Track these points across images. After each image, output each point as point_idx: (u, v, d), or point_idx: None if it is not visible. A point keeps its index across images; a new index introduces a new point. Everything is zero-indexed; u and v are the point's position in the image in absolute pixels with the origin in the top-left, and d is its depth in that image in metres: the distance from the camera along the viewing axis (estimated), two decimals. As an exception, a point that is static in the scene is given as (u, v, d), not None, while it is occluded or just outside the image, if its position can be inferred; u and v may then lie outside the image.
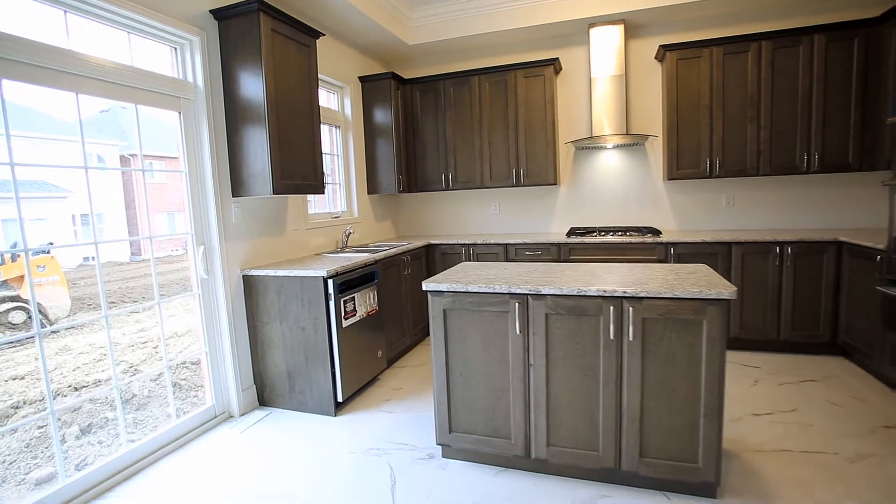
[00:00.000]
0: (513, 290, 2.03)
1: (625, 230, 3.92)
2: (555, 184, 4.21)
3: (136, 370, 4.87)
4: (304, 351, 2.85)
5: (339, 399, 2.87)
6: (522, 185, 4.29)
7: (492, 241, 4.12)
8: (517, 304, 2.04)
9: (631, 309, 1.89)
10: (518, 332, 2.05)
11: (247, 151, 2.80)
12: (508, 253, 4.10)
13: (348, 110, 4.23)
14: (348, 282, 2.92)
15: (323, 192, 3.24)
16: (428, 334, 4.45)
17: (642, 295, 1.87)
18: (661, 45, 3.79)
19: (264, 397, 3.03)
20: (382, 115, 4.34)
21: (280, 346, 2.91)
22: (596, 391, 2.00)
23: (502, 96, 4.25)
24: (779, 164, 3.66)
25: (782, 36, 3.53)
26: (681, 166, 3.86)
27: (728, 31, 3.91)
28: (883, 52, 3.33)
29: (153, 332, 6.12)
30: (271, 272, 2.85)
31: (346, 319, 2.89)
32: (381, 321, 3.38)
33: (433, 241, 4.31)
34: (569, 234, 4.02)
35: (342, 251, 3.82)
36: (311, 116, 3.10)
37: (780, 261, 3.46)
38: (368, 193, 4.51)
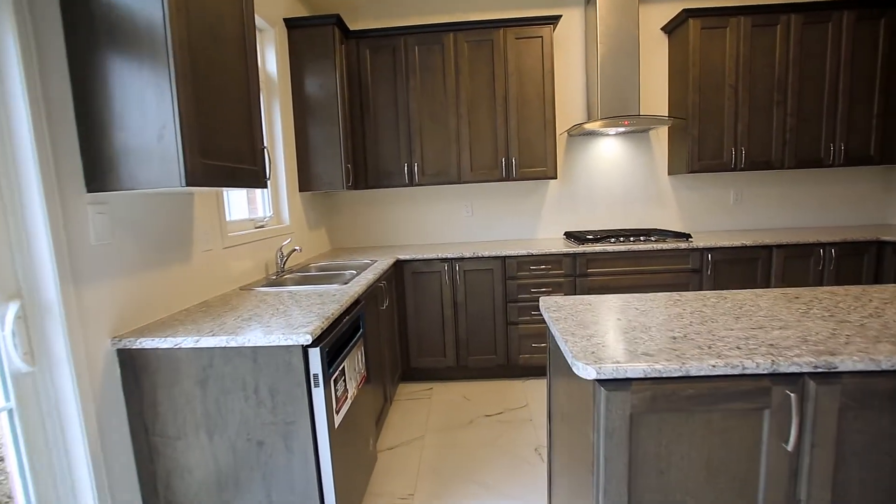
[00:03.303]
0: (780, 368, 1.03)
1: (645, 234, 3.19)
2: (554, 177, 3.31)
3: None
4: (263, 483, 1.49)
5: (334, 560, 1.57)
6: (513, 180, 3.31)
7: (484, 254, 3.06)
8: (790, 395, 1.04)
9: None
10: (791, 445, 1.05)
11: (122, 100, 1.35)
12: (507, 269, 3.09)
13: (271, 65, 2.81)
14: (335, 343, 1.63)
15: (265, 185, 1.87)
16: (405, 381, 3.22)
17: None
18: (684, 10, 3.12)
19: (173, 576, 1.57)
20: (321, 80, 3.00)
21: (210, 480, 1.50)
22: (912, 536, 1.10)
23: (486, 62, 3.22)
24: (804, 155, 3.24)
25: (812, 10, 3.10)
26: (702, 157, 3.25)
27: (755, -1, 3.41)
28: (904, 35, 3.08)
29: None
30: (188, 341, 1.43)
31: (337, 413, 1.60)
32: (369, 390, 2.12)
33: (401, 257, 3.10)
34: (581, 241, 3.15)
35: (280, 279, 2.43)
36: (245, 51, 1.73)
37: (822, 265, 3.02)
38: (301, 190, 3.12)
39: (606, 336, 1.22)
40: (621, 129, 3.30)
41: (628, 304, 1.54)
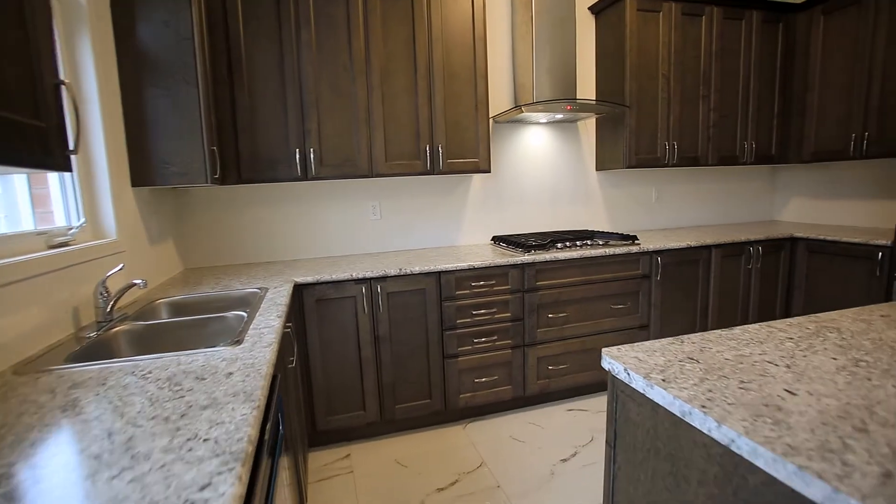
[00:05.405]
0: None
1: (587, 236, 2.80)
2: (487, 170, 2.74)
3: None
4: None
5: None
6: (440, 173, 2.65)
7: (414, 270, 2.34)
8: None
9: None
10: None
11: None
12: (443, 287, 2.41)
13: (70, -24, 1.69)
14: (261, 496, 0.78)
15: (67, 165, 0.91)
16: (311, 446, 2.30)
17: None
18: (621, -15, 2.81)
19: None
20: (165, 16, 1.95)
21: None
22: None
23: (404, 21, 2.50)
24: (724, 152, 3.20)
25: (729, 4, 3.04)
26: (639, 151, 2.99)
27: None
28: (798, 42, 3.21)
29: None
30: None
31: None
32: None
33: (300, 279, 2.21)
34: (521, 248, 2.63)
35: (106, 338, 1.40)
36: None
37: (751, 262, 2.98)
38: (135, 185, 2.01)
39: (862, 450, 0.64)
40: (558, 117, 2.87)
41: (744, 356, 1.00)
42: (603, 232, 3.02)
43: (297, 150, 2.42)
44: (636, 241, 2.78)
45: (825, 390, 0.81)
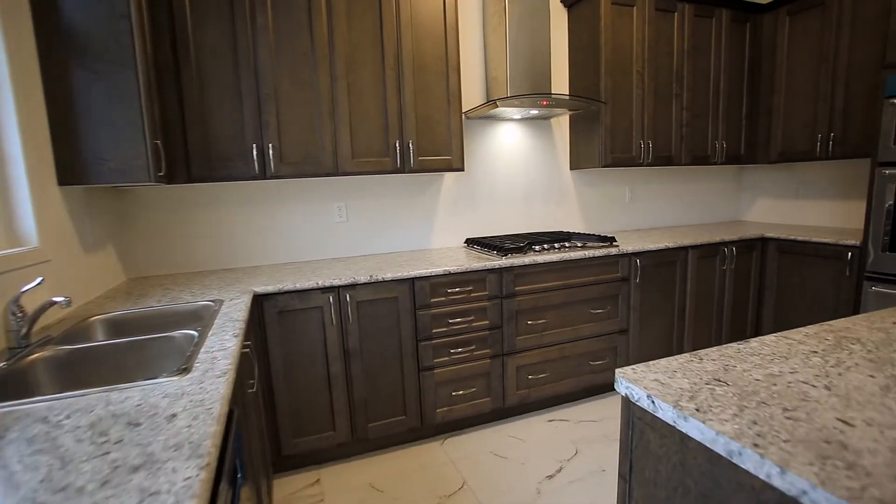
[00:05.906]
0: None
1: (564, 238, 2.70)
2: (461, 169, 2.59)
3: None
4: None
5: None
6: (411, 171, 2.48)
7: (386, 277, 2.17)
8: None
9: None
10: None
11: None
12: (417, 295, 2.25)
13: (-27, -66, 1.42)
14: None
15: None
16: (277, 472, 2.08)
17: None
18: (596, -22, 2.72)
19: None
20: (91, -14, 1.69)
21: None
22: None
23: (371, 4, 2.31)
24: (697, 152, 3.18)
25: (701, 2, 3.02)
26: (614, 150, 2.91)
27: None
28: (765, 43, 3.23)
29: None
30: None
31: None
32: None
33: (260, 289, 1.99)
34: (497, 251, 2.49)
35: (19, 368, 1.16)
36: None
37: (725, 262, 2.96)
38: (62, 183, 1.74)
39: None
40: (533, 113, 2.76)
41: (774, 375, 0.89)
42: (580, 233, 2.93)
43: (255, 145, 2.19)
44: (615, 243, 2.70)
45: (883, 419, 0.70)
